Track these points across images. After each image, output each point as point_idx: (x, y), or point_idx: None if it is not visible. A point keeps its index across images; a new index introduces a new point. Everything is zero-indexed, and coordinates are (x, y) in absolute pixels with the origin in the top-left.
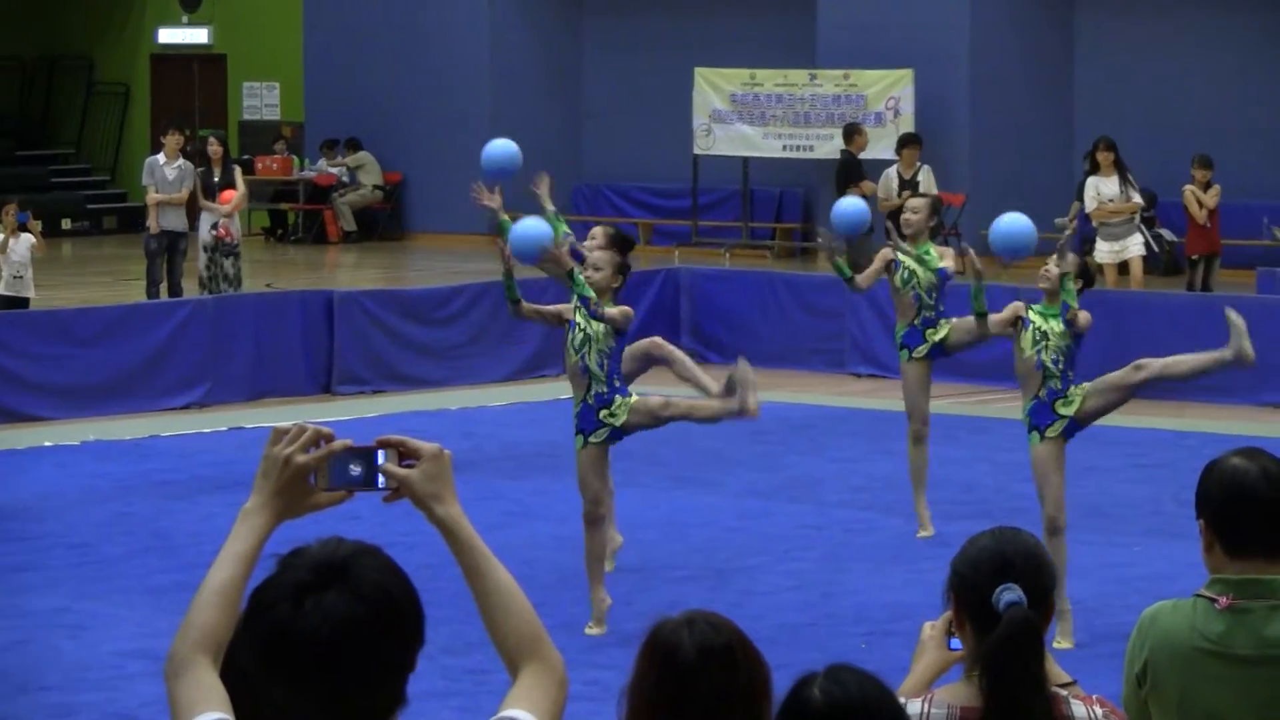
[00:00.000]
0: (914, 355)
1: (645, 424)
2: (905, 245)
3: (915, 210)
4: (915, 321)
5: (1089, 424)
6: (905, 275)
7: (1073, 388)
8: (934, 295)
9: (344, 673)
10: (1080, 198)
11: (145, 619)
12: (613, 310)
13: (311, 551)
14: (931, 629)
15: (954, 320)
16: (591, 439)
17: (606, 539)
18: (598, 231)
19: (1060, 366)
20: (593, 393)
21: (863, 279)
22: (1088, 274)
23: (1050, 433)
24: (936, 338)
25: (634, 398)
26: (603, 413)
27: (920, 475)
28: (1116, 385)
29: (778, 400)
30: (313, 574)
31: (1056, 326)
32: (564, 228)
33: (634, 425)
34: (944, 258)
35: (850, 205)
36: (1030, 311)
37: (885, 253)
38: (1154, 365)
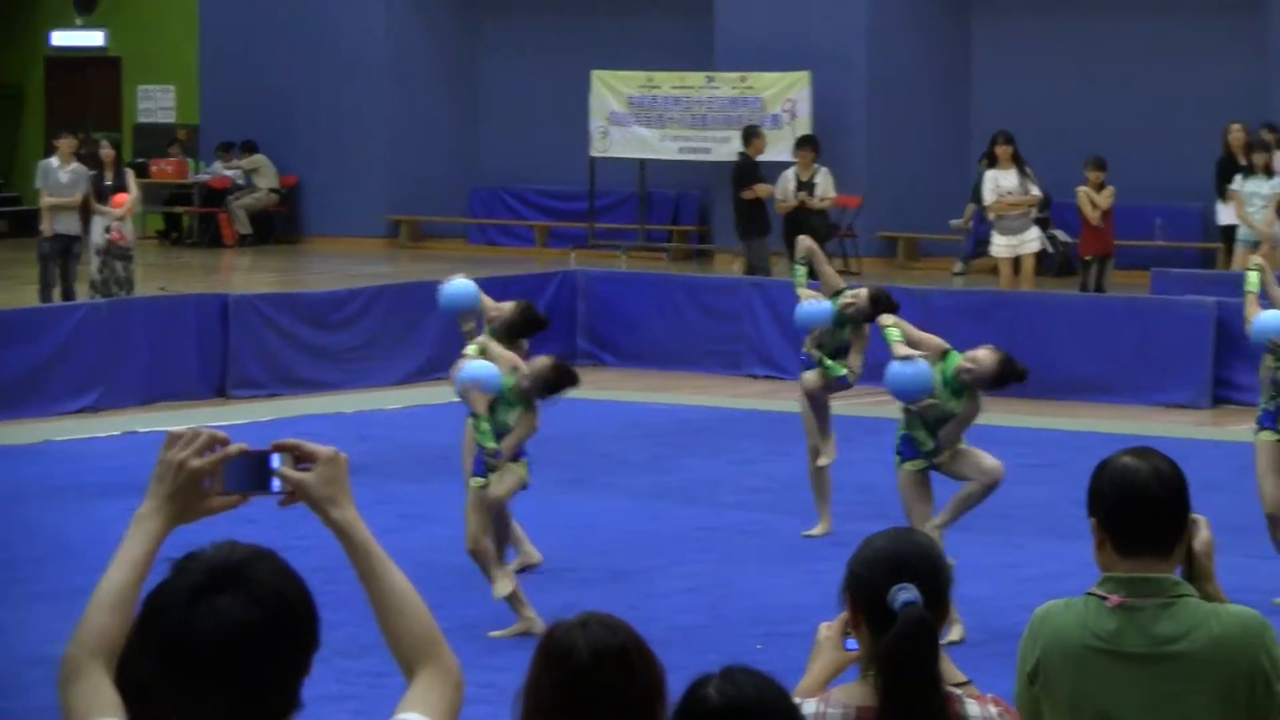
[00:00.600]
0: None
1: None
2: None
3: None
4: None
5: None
6: None
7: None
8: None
9: (238, 676)
10: (975, 199)
11: (42, 625)
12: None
13: (206, 555)
14: (827, 629)
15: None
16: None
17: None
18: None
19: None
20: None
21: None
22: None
23: (909, 466)
24: (840, 372)
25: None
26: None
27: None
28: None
29: (674, 402)
30: (207, 577)
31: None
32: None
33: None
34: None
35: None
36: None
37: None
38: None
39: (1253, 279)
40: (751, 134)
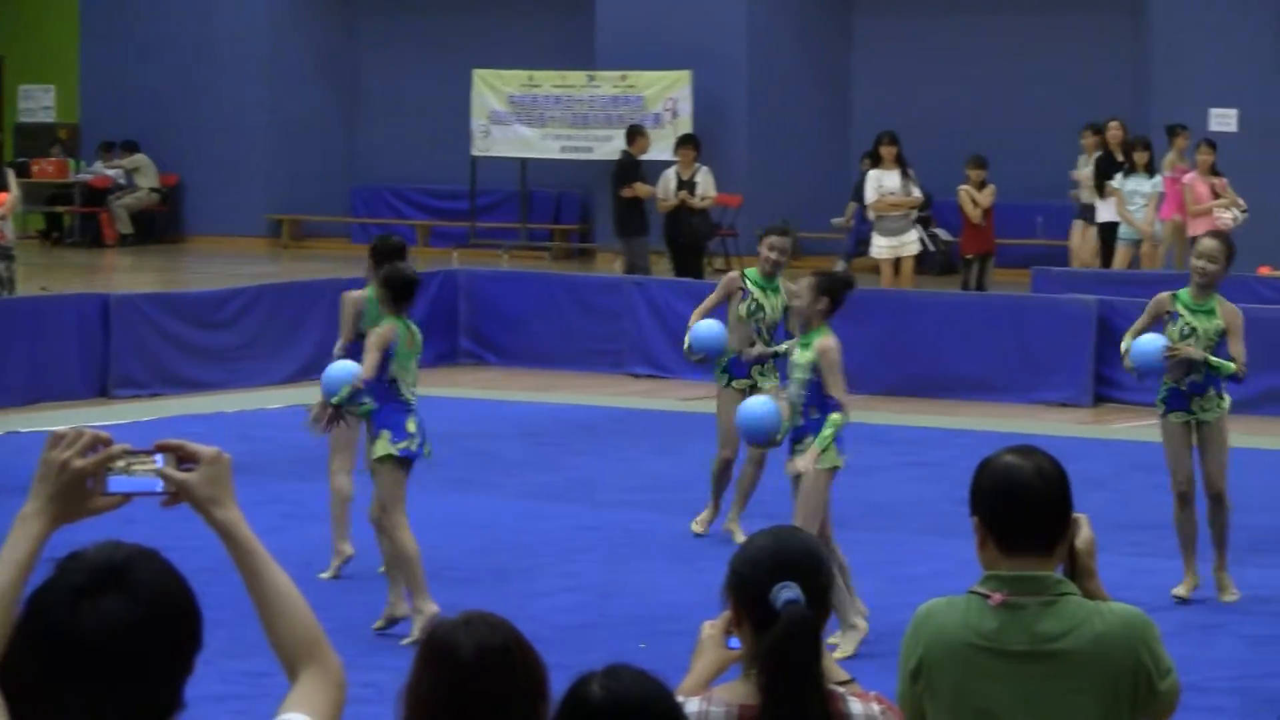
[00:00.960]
0: (733, 384)
1: None
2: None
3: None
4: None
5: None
6: (751, 307)
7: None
8: (772, 334)
9: (121, 676)
10: (857, 198)
11: None
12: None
13: (89, 555)
14: (710, 628)
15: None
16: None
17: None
18: None
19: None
20: None
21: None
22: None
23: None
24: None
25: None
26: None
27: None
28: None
29: (556, 401)
30: (90, 577)
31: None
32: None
33: None
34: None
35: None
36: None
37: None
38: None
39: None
40: (635, 133)
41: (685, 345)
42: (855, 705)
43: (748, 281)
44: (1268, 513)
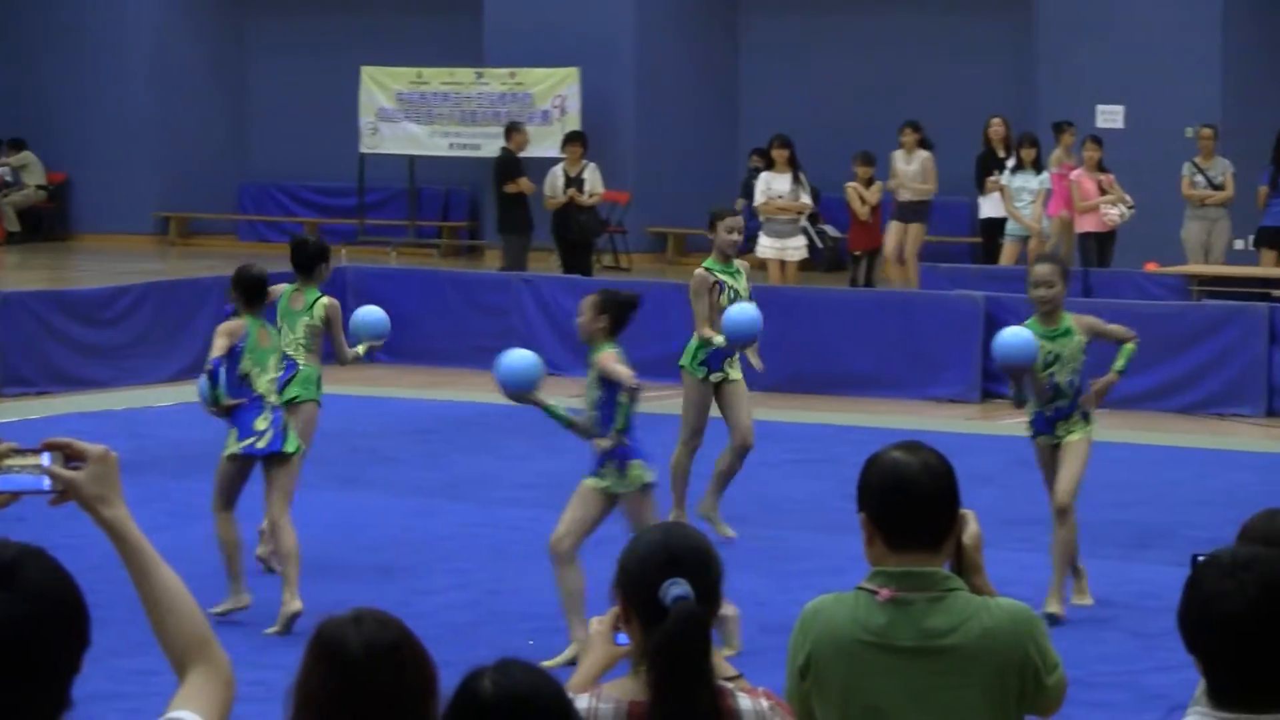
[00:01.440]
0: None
1: None
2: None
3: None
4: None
5: None
6: (731, 295)
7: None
8: None
9: (8, 675)
10: (746, 195)
11: None
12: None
13: None
14: (598, 624)
15: None
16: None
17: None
18: None
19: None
20: None
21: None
22: (619, 304)
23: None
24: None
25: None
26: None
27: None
28: None
29: (445, 399)
30: None
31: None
32: None
33: None
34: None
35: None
36: None
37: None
38: None
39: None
40: (513, 129)
41: (721, 340)
42: (744, 701)
43: (715, 273)
44: (1154, 508)
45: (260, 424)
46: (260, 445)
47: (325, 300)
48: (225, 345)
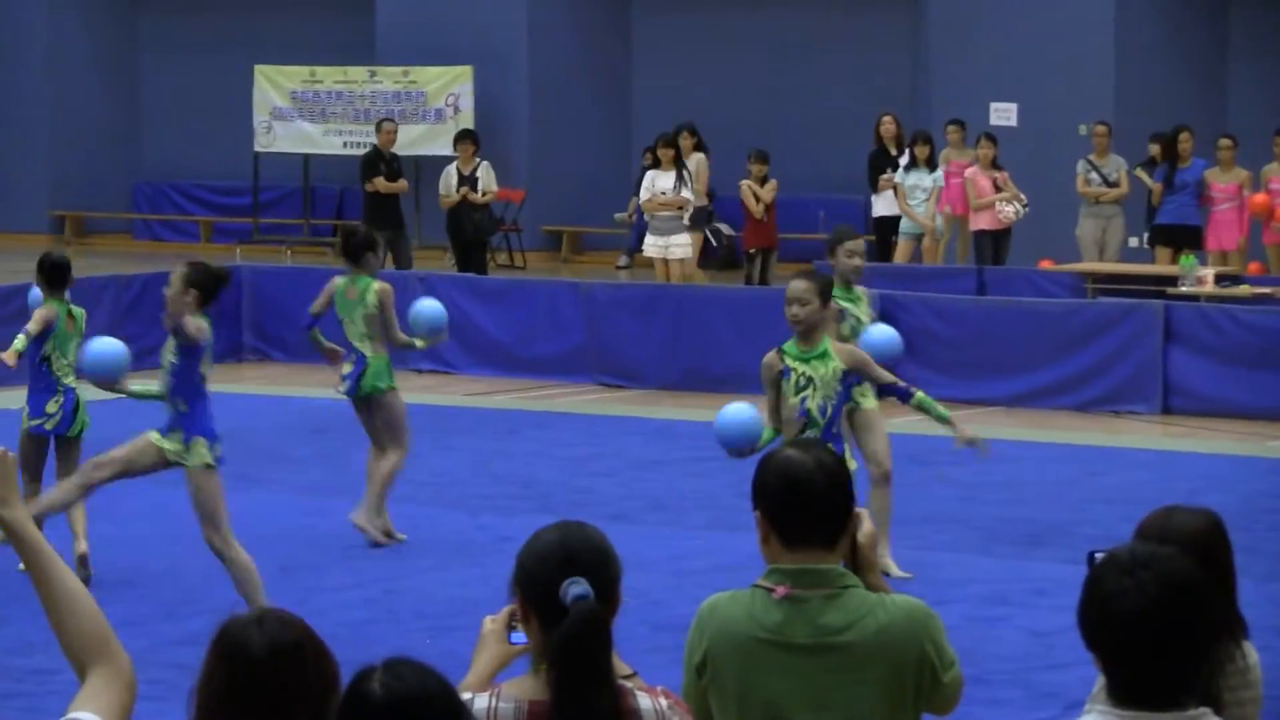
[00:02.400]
0: None
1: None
2: None
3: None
4: None
5: None
6: (852, 324)
7: None
8: None
9: None
10: (638, 193)
11: None
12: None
13: None
14: (492, 623)
15: None
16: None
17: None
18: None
19: None
20: None
21: None
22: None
23: None
24: None
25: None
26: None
27: None
28: None
29: (341, 398)
30: None
31: None
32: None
33: None
34: None
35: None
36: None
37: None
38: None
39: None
40: (381, 124)
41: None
42: (644, 700)
43: (838, 300)
44: (1049, 506)
45: (51, 407)
46: (49, 426)
47: (377, 285)
48: (39, 328)
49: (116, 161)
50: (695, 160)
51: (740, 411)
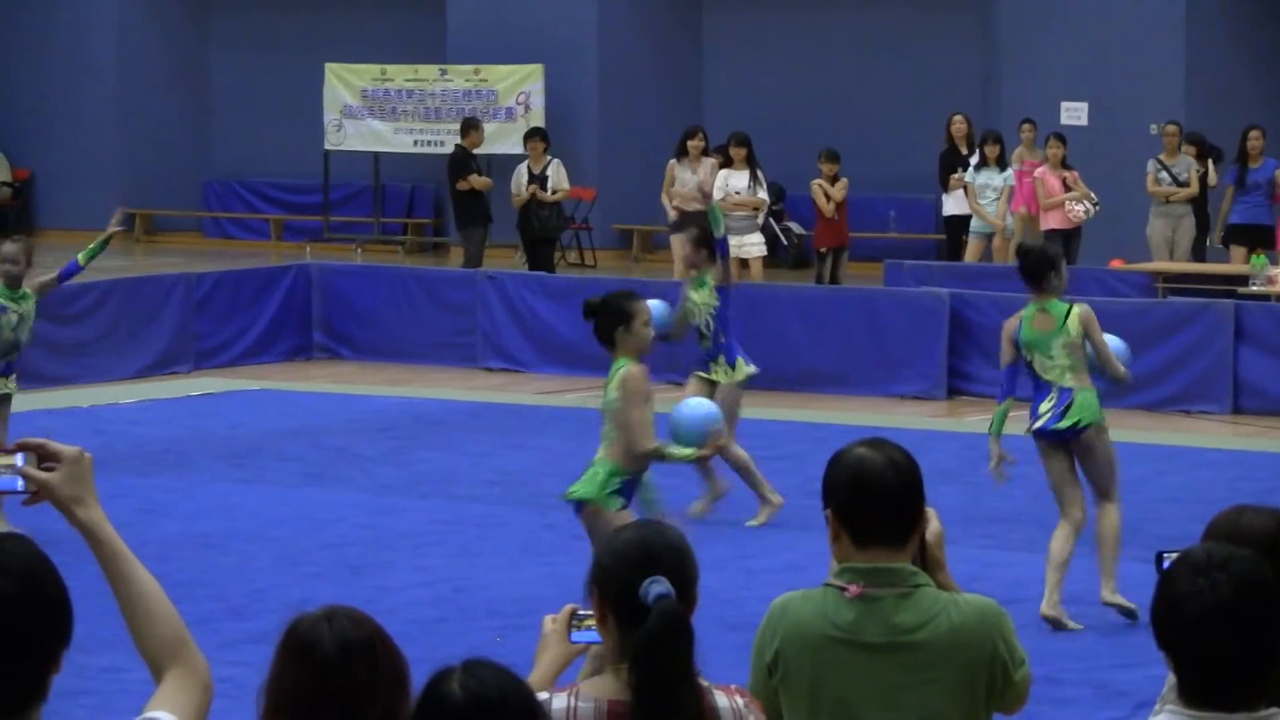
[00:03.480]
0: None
1: None
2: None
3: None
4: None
5: None
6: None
7: None
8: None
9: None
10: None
11: None
12: None
13: None
14: (553, 622)
15: None
16: None
17: None
18: None
19: None
20: None
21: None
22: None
23: None
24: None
25: None
26: None
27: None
28: None
29: (409, 395)
30: None
31: None
32: None
33: None
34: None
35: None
36: None
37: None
38: None
39: None
40: (469, 126)
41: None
42: (721, 699)
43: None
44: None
45: None
46: None
47: (1075, 310)
48: None
49: (186, 159)
50: (706, 165)
51: (699, 406)
